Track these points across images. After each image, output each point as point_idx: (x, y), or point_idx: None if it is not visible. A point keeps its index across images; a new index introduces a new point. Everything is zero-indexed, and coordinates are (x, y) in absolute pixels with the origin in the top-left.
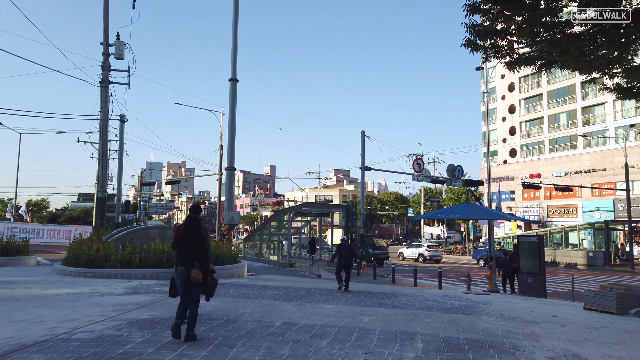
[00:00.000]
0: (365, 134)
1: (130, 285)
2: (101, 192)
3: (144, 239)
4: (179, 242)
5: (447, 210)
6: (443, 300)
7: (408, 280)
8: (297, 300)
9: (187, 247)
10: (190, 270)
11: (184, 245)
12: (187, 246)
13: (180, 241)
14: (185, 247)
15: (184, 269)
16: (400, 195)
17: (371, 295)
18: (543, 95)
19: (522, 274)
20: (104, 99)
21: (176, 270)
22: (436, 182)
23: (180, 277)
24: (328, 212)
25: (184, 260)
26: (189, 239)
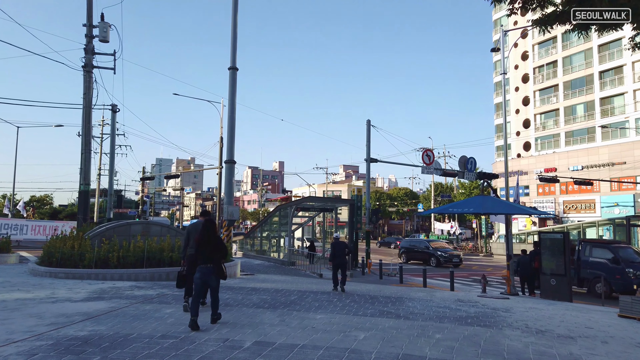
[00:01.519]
0: (370, 123)
1: (98, 289)
2: (84, 185)
3: (125, 235)
4: (202, 242)
5: (461, 203)
6: (456, 307)
7: (417, 280)
8: (284, 307)
9: (209, 246)
10: (217, 267)
11: (206, 245)
12: (208, 246)
13: (205, 242)
14: (207, 247)
15: (210, 266)
16: (410, 191)
17: (373, 301)
18: (559, 86)
19: (545, 274)
20: (87, 85)
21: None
22: (447, 175)
23: (203, 272)
24: (332, 206)
25: (207, 258)
26: (210, 240)
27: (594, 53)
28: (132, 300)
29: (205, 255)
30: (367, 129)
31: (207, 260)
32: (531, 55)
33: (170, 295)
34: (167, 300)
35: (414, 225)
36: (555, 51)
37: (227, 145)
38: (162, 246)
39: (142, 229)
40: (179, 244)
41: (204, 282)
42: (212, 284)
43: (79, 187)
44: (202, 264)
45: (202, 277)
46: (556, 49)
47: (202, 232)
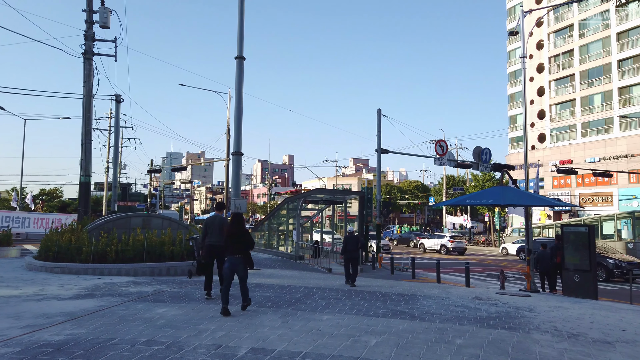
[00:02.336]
0: (381, 112)
1: (92, 285)
2: (84, 176)
3: (125, 228)
4: (232, 235)
5: (479, 194)
6: (475, 306)
7: (430, 275)
8: (288, 306)
9: (238, 239)
10: (246, 258)
11: (236, 238)
12: (238, 238)
13: (234, 235)
14: (237, 239)
15: (239, 257)
16: (421, 184)
17: (385, 298)
18: (575, 75)
19: (568, 270)
20: (87, 73)
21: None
22: (461, 166)
23: (232, 262)
24: (341, 199)
25: (237, 249)
26: (238, 233)
27: (612, 41)
28: (124, 298)
29: (234, 246)
30: (377, 119)
31: (236, 252)
32: (546, 44)
33: (167, 292)
34: (162, 298)
35: (425, 219)
36: (571, 39)
37: (234, 137)
38: (163, 240)
39: (142, 221)
40: (180, 238)
41: (232, 271)
42: (240, 273)
43: (79, 179)
44: (231, 255)
45: (231, 267)
46: (572, 37)
47: (231, 225)
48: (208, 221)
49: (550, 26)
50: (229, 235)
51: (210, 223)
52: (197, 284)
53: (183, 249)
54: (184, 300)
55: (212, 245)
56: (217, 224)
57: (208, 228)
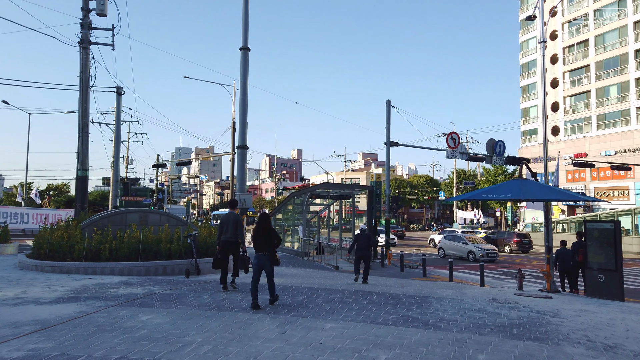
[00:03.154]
0: (390, 103)
1: (80, 286)
2: (81, 170)
3: (121, 224)
4: (259, 234)
5: (496, 188)
6: (494, 310)
7: (442, 272)
8: (288, 312)
9: (265, 237)
10: (272, 255)
11: (262, 236)
12: (265, 236)
13: (260, 233)
14: (263, 238)
15: (266, 254)
16: (431, 179)
17: (394, 302)
18: (590, 66)
19: (591, 269)
20: (83, 63)
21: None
22: (473, 159)
23: (260, 259)
24: (349, 193)
25: (264, 247)
26: (265, 231)
27: (629, 30)
28: (110, 301)
29: (261, 244)
30: (386, 110)
31: (263, 249)
32: (560, 35)
33: (158, 294)
34: (151, 301)
35: (435, 214)
36: (586, 29)
37: (239, 130)
38: (160, 237)
39: (139, 217)
40: (178, 235)
41: (260, 267)
42: (267, 269)
43: (76, 173)
44: (258, 252)
45: (258, 263)
46: (587, 27)
47: (258, 224)
48: (223, 219)
49: (564, 16)
50: (256, 233)
51: (225, 220)
52: (193, 284)
53: (181, 246)
54: (175, 304)
55: (226, 241)
56: (231, 221)
57: (223, 225)
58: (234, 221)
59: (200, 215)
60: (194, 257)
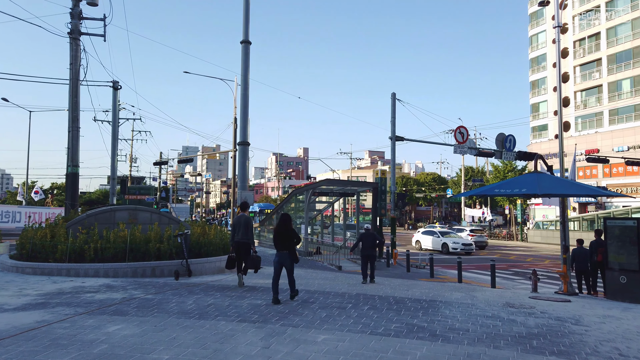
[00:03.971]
0: (396, 96)
1: (55, 290)
2: (72, 166)
3: (109, 223)
4: (280, 233)
5: (509, 183)
6: (508, 316)
7: (450, 273)
8: (277, 320)
9: (285, 236)
10: (292, 253)
11: (283, 235)
12: (285, 236)
13: (280, 233)
14: (283, 237)
15: (286, 252)
16: (438, 176)
17: (398, 307)
18: (602, 60)
19: (612, 270)
20: (73, 54)
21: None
22: (482, 154)
23: (280, 257)
24: (353, 191)
25: (283, 245)
26: (287, 232)
27: None
28: (81, 308)
29: (282, 243)
30: (391, 103)
31: (284, 248)
32: (571, 28)
33: (138, 300)
34: (127, 308)
35: (442, 212)
36: (598, 22)
37: (240, 126)
38: (149, 236)
39: (128, 215)
40: (168, 234)
41: (281, 264)
42: (288, 266)
43: (66, 169)
44: (279, 251)
45: (279, 261)
46: (599, 19)
47: (279, 225)
48: (235, 221)
49: (575, 8)
50: (277, 233)
51: (237, 222)
52: (180, 287)
53: (172, 246)
54: (153, 311)
55: (238, 242)
56: (242, 223)
57: (235, 227)
58: (245, 223)
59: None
60: (185, 258)
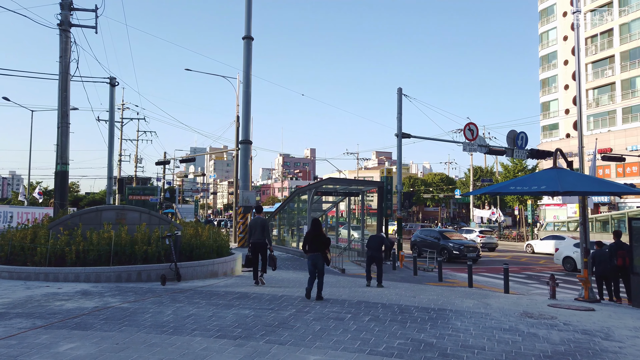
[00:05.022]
0: (402, 92)
1: (23, 298)
2: (61, 164)
3: (95, 224)
4: (312, 237)
5: (526, 179)
6: (528, 329)
7: (459, 276)
8: (263, 336)
9: (317, 240)
10: (323, 255)
11: (315, 238)
12: (317, 239)
13: (312, 237)
14: (315, 240)
15: (318, 254)
16: (446, 177)
17: (403, 317)
18: (615, 57)
19: (638, 275)
20: (63, 47)
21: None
22: (493, 152)
23: (313, 258)
24: (357, 190)
25: (316, 248)
26: (318, 235)
27: None
28: (41, 320)
29: (314, 246)
30: (398, 99)
31: (316, 250)
32: (582, 24)
33: (111, 309)
34: (93, 321)
35: (450, 212)
36: (610, 18)
37: (243, 124)
38: (135, 238)
39: (116, 215)
40: (156, 235)
41: (314, 265)
42: (320, 267)
43: (55, 167)
44: (311, 253)
45: (312, 262)
46: (612, 15)
47: (311, 229)
48: (252, 223)
49: (586, 4)
50: (309, 236)
51: (254, 224)
52: (165, 294)
53: (160, 248)
54: (122, 324)
55: (255, 242)
56: (259, 224)
57: (252, 228)
58: (261, 225)
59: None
60: (174, 261)
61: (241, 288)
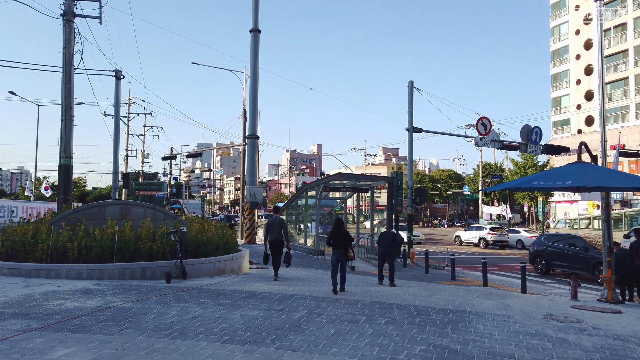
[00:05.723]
0: (413, 84)
1: (21, 296)
2: (64, 158)
3: (98, 219)
4: (336, 235)
5: (550, 174)
6: (556, 334)
7: (472, 274)
8: (273, 340)
9: (340, 238)
10: (345, 252)
11: (338, 236)
12: (340, 237)
13: (336, 235)
14: (339, 238)
15: (341, 251)
16: (454, 173)
17: (421, 320)
18: (629, 51)
19: None
20: (67, 37)
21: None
22: (506, 147)
23: (337, 255)
24: (367, 186)
25: (340, 245)
26: (341, 234)
27: None
28: (38, 321)
29: (337, 243)
30: (409, 92)
31: (339, 247)
32: (596, 16)
33: (112, 309)
34: (93, 322)
35: (459, 209)
36: (624, 12)
37: (250, 118)
38: (140, 234)
39: (120, 211)
40: (161, 231)
41: (338, 261)
42: (343, 263)
43: (58, 161)
44: (335, 250)
45: (336, 259)
46: (626, 9)
47: (334, 227)
48: (270, 222)
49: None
50: (333, 235)
51: (272, 223)
52: (169, 293)
53: (165, 245)
54: (123, 326)
55: (273, 240)
56: (277, 223)
57: (270, 227)
58: (279, 224)
59: (221, 210)
60: (179, 258)
61: (249, 286)
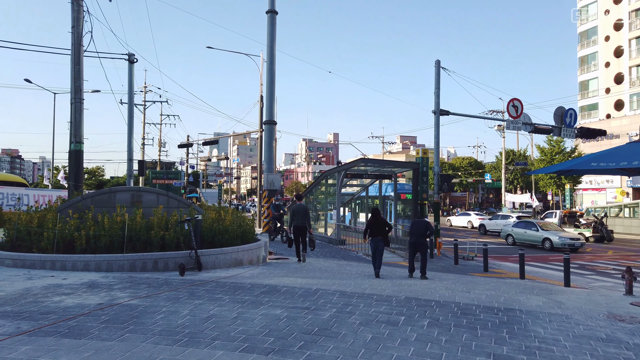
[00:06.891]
0: (440, 64)
1: (21, 290)
2: (75, 143)
3: (108, 207)
4: (373, 224)
5: (612, 153)
6: (633, 340)
7: (505, 266)
8: (300, 348)
9: (378, 226)
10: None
11: (375, 224)
12: (377, 225)
13: (373, 223)
14: (376, 226)
15: (379, 238)
16: (475, 161)
17: (469, 320)
18: None
19: None
20: (75, 16)
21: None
22: (539, 131)
23: (375, 242)
24: (390, 172)
25: (378, 233)
26: (377, 221)
27: None
28: (29, 323)
29: (375, 231)
30: (435, 72)
31: (378, 234)
32: None
33: (117, 307)
34: (90, 324)
35: (479, 198)
36: None
37: (267, 103)
38: (152, 222)
39: (131, 197)
40: (175, 218)
41: (376, 247)
42: (380, 249)
43: (69, 146)
44: (373, 237)
45: (374, 245)
46: None
47: (372, 216)
48: (295, 208)
49: None
50: (370, 223)
51: (297, 210)
52: (182, 287)
53: (179, 234)
54: (125, 329)
55: (298, 226)
56: (301, 210)
57: (295, 213)
58: (303, 211)
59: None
60: (194, 249)
61: (269, 280)
